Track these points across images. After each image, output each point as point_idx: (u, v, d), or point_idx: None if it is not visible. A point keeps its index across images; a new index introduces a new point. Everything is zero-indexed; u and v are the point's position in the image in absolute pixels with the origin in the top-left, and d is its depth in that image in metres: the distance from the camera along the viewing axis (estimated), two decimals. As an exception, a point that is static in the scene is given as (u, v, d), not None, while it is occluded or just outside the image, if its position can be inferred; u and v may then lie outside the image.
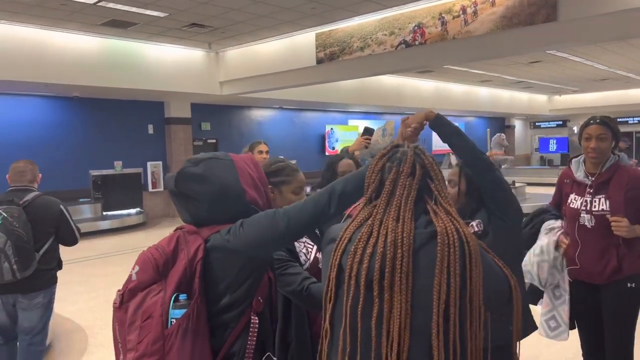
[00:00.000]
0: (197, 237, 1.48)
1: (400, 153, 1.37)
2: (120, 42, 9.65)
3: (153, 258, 1.44)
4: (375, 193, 1.36)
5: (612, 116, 11.00)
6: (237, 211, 1.52)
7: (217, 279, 1.47)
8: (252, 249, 1.47)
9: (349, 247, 1.30)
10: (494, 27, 7.15)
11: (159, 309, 1.38)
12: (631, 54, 12.06)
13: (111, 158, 11.62)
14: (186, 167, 1.54)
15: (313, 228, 1.67)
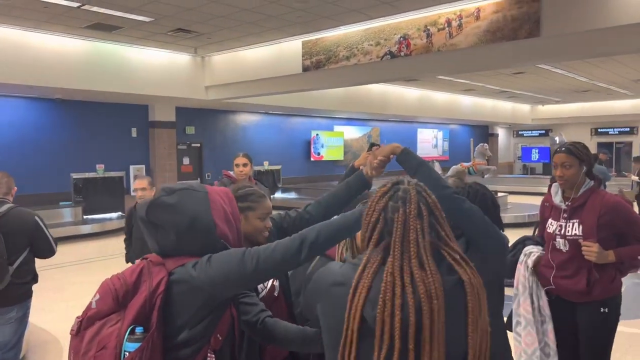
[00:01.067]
0: (162, 269, 1.45)
1: (402, 191, 1.32)
2: (105, 45, 9.56)
3: (114, 288, 1.41)
4: (379, 235, 1.31)
5: (592, 127, 11.19)
6: (206, 244, 1.49)
7: (176, 314, 1.43)
8: (216, 286, 1.43)
9: (371, 296, 1.23)
10: (478, 40, 7.24)
11: (113, 340, 1.36)
12: (612, 68, 12.29)
13: (93, 161, 11.48)
14: (160, 196, 1.51)
15: (280, 272, 1.64)
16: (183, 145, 13.20)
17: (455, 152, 22.09)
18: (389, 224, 1.29)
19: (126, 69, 9.89)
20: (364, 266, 1.28)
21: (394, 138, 19.11)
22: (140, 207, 1.53)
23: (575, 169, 2.61)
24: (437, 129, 21.67)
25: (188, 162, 13.41)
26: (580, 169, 2.61)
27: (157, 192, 1.55)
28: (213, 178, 13.73)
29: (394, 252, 1.26)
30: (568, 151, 2.63)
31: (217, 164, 13.90)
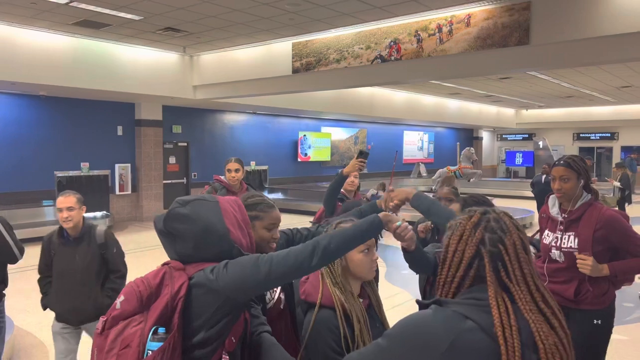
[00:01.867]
0: (182, 274, 1.54)
1: (494, 220, 1.23)
2: (92, 42, 9.42)
3: (138, 290, 1.49)
4: (476, 271, 1.20)
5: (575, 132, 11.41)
6: (222, 250, 1.59)
7: (194, 315, 1.51)
8: (232, 291, 1.51)
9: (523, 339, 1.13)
10: (468, 47, 7.30)
11: (137, 339, 1.43)
12: (595, 75, 12.51)
13: (78, 159, 11.32)
14: (174, 207, 1.61)
15: (292, 278, 1.67)
16: (169, 144, 13.08)
17: (441, 155, 22.28)
18: (495, 258, 1.18)
19: (113, 66, 9.76)
20: (498, 306, 1.14)
21: (381, 140, 19.22)
22: (157, 220, 1.63)
23: (573, 182, 2.64)
24: (423, 132, 21.82)
25: (174, 161, 13.29)
26: (578, 183, 2.65)
27: (171, 205, 1.64)
28: (199, 178, 13.65)
29: (519, 288, 1.16)
30: (567, 165, 2.66)
31: (204, 164, 13.82)
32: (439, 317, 1.16)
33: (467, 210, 1.28)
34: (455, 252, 1.23)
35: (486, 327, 1.12)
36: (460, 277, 1.21)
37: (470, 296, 1.19)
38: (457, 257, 1.22)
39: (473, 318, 1.13)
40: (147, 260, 8.48)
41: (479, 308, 1.15)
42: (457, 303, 1.18)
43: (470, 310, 1.15)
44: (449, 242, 1.26)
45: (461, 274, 1.21)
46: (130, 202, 12.29)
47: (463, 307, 1.16)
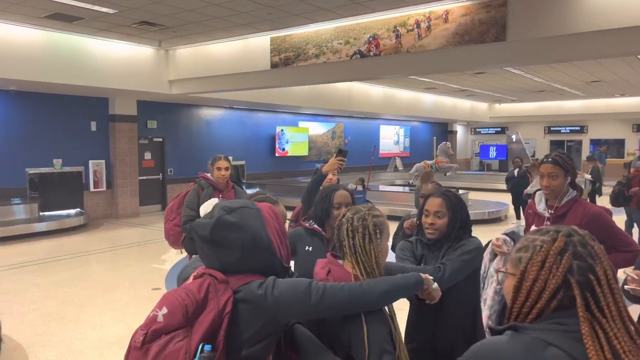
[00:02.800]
0: (227, 287, 1.49)
1: (581, 245, 1.09)
2: (64, 36, 9.17)
3: (184, 303, 1.42)
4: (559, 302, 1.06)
5: (546, 125, 11.62)
6: (266, 261, 1.55)
7: (239, 331, 1.47)
8: (280, 310, 1.48)
9: None
10: (446, 42, 7.37)
11: (182, 357, 1.38)
12: (567, 70, 12.79)
13: (50, 155, 11.04)
14: (222, 215, 1.54)
15: (340, 313, 1.61)
16: (145, 139, 12.86)
17: (416, 149, 22.50)
18: (584, 288, 1.04)
19: (86, 60, 9.53)
20: (593, 341, 1.00)
21: (358, 134, 19.29)
22: (201, 227, 1.55)
23: (561, 179, 2.68)
24: (399, 126, 21.99)
25: (150, 157, 13.08)
26: (565, 180, 2.69)
27: (216, 211, 1.56)
28: (176, 174, 13.47)
29: (614, 324, 1.02)
30: (555, 162, 2.69)
31: (180, 160, 13.64)
32: (516, 344, 1.03)
33: (545, 231, 1.13)
34: (536, 281, 1.08)
35: (577, 355, 0.98)
36: (539, 308, 1.07)
37: (553, 321, 1.05)
38: (539, 287, 1.07)
39: (558, 345, 1.00)
40: (123, 257, 8.40)
41: (566, 334, 1.02)
42: (537, 329, 1.04)
43: (554, 337, 1.01)
44: (526, 268, 1.10)
45: (542, 305, 1.07)
46: (105, 199, 12.06)
47: (545, 333, 1.03)
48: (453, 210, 2.31)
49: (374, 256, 1.70)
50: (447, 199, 2.33)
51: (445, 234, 2.30)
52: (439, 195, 2.35)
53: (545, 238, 1.11)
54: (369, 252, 1.70)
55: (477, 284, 2.36)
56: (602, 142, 22.31)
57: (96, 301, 5.91)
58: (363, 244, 1.71)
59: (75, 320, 5.29)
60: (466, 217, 2.35)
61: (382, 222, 1.77)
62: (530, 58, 7.47)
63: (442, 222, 2.30)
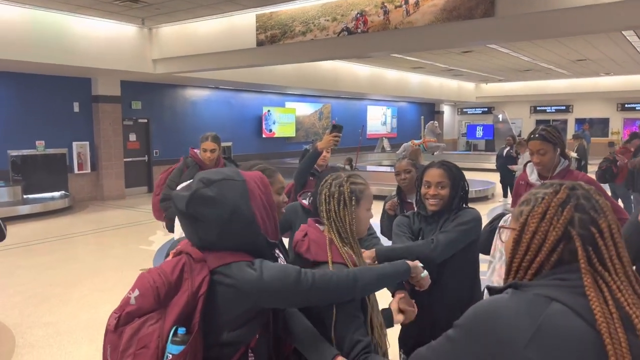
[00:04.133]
0: (203, 266, 1.40)
1: (584, 198, 1.05)
2: (44, 14, 8.91)
3: (155, 285, 1.36)
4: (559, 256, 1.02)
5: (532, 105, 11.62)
6: (247, 237, 1.46)
7: (217, 315, 1.40)
8: (264, 297, 1.41)
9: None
10: (434, 19, 7.30)
11: (155, 341, 1.32)
12: (554, 48, 12.80)
13: (32, 137, 10.81)
14: (199, 188, 1.43)
15: (328, 302, 1.56)
16: (129, 121, 12.66)
17: (404, 129, 22.50)
18: (586, 243, 1.01)
19: (67, 39, 9.28)
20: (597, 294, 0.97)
21: (345, 115, 19.20)
22: (178, 199, 1.44)
23: (551, 154, 2.68)
24: (386, 106, 21.93)
25: (135, 138, 12.90)
26: (555, 152, 2.69)
27: (194, 183, 1.46)
28: (162, 155, 13.31)
29: (618, 277, 0.99)
30: (542, 138, 2.68)
31: (166, 141, 13.47)
32: (518, 302, 0.99)
33: (550, 184, 1.09)
34: (536, 233, 1.04)
35: (581, 310, 0.95)
36: (540, 262, 1.03)
37: (555, 277, 1.01)
38: (539, 239, 1.04)
39: (561, 300, 0.96)
40: (109, 239, 8.31)
41: (569, 289, 0.98)
42: (539, 285, 1.00)
43: (557, 292, 0.98)
44: (526, 220, 1.07)
45: (542, 258, 1.03)
46: (89, 181, 11.89)
47: (548, 289, 0.99)
48: (454, 181, 2.24)
49: (348, 222, 1.67)
50: (448, 169, 2.26)
51: (446, 205, 2.25)
52: (439, 166, 2.28)
53: (547, 190, 1.07)
54: (343, 218, 1.67)
55: (476, 258, 2.34)
56: (586, 121, 22.49)
57: (83, 283, 5.84)
58: (338, 210, 1.68)
59: (62, 301, 5.23)
60: (465, 189, 2.30)
61: (362, 190, 1.73)
62: (519, 34, 7.44)
63: (444, 192, 2.23)
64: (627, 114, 22.36)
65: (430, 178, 2.25)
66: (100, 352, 1.43)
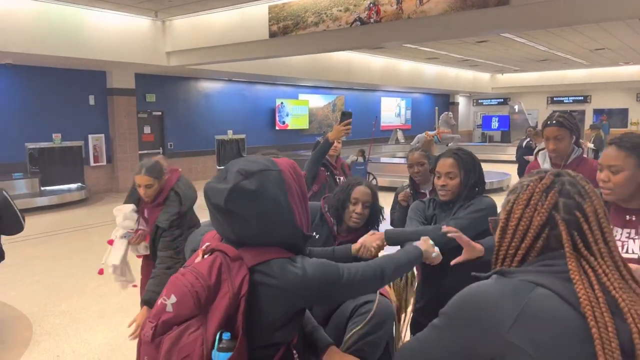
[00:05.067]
0: (242, 265, 1.31)
1: (570, 184, 1.04)
2: (58, 7, 8.99)
3: (194, 290, 1.26)
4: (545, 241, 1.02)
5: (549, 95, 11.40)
6: (287, 234, 1.38)
7: (261, 315, 1.32)
8: (310, 296, 1.36)
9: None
10: (448, 8, 7.20)
11: (198, 349, 1.24)
12: (571, 37, 12.56)
13: (49, 130, 10.97)
14: (239, 181, 1.32)
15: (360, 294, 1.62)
16: (144, 113, 12.77)
17: (418, 121, 22.33)
18: (570, 228, 1.00)
19: (81, 32, 9.37)
20: (582, 279, 0.95)
21: (359, 106, 19.12)
22: (213, 193, 1.35)
23: (567, 140, 2.63)
24: (400, 98, 21.78)
25: (149, 131, 13.01)
26: (571, 140, 2.64)
27: (231, 175, 1.35)
28: (176, 148, 13.41)
29: (604, 262, 0.97)
30: (559, 124, 2.63)
31: (180, 133, 13.56)
32: (502, 288, 0.98)
33: (535, 172, 1.09)
34: (521, 219, 1.04)
35: (566, 295, 0.93)
36: (525, 248, 1.03)
37: (541, 263, 1.00)
38: (524, 225, 1.03)
39: (546, 285, 0.95)
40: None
41: (555, 275, 0.97)
42: (525, 271, 1.00)
43: (543, 277, 0.97)
44: (512, 207, 1.07)
45: (527, 244, 1.03)
46: (105, 174, 12.03)
47: (533, 275, 0.98)
48: (465, 170, 2.22)
49: None
50: (459, 158, 2.23)
51: (458, 194, 2.23)
52: (449, 155, 2.25)
53: (532, 178, 1.08)
54: None
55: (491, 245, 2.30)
56: (605, 111, 22.08)
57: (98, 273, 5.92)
58: None
59: (77, 291, 5.31)
60: (480, 176, 2.26)
61: None
62: (534, 22, 7.30)
63: (454, 182, 2.22)
64: (647, 104, 21.93)
65: (440, 168, 2.25)
66: (115, 339, 1.40)
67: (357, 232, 2.27)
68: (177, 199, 3.02)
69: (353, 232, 2.30)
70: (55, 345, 4.04)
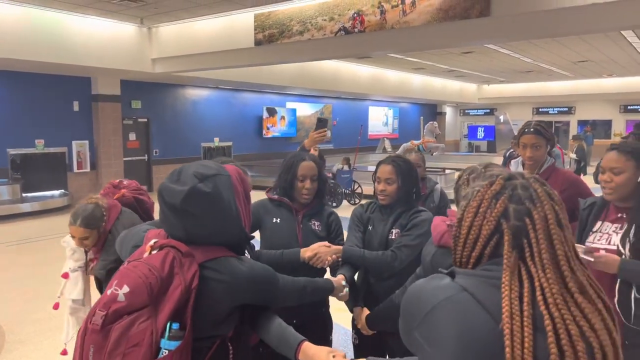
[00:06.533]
0: (193, 261, 1.39)
1: (522, 188, 0.99)
2: (43, 12, 8.95)
3: (148, 282, 1.32)
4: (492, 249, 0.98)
5: (534, 106, 11.55)
6: (234, 233, 1.49)
7: (207, 308, 1.40)
8: (254, 293, 1.49)
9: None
10: (430, 19, 7.29)
11: (148, 338, 1.28)
12: (554, 49, 12.76)
13: (32, 136, 10.86)
14: (195, 184, 1.40)
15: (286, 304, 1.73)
16: (129, 120, 12.70)
17: (405, 130, 22.47)
18: (519, 235, 0.95)
19: (66, 38, 9.32)
20: (511, 289, 0.91)
21: (347, 115, 19.21)
22: (169, 193, 1.41)
23: (543, 149, 2.67)
24: (387, 107, 21.91)
25: (134, 137, 12.94)
26: (546, 149, 2.68)
27: (187, 178, 1.42)
28: (161, 155, 13.36)
29: (544, 274, 0.92)
30: (537, 132, 2.66)
31: (166, 140, 13.51)
32: (433, 286, 0.99)
33: (488, 175, 1.10)
34: (470, 228, 1.01)
35: (488, 303, 0.91)
36: (475, 257, 1.00)
37: (482, 268, 0.98)
38: (473, 234, 1.00)
39: (471, 291, 0.94)
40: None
41: (487, 280, 0.95)
42: (464, 274, 0.99)
43: (473, 282, 0.95)
44: (462, 215, 1.04)
45: (477, 254, 1.00)
46: (89, 180, 11.92)
47: (466, 278, 0.97)
48: (403, 177, 2.32)
49: None
50: (397, 165, 2.34)
51: (396, 200, 2.34)
52: (389, 162, 2.36)
53: (483, 183, 1.04)
54: None
55: None
56: (589, 122, 22.38)
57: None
58: None
59: (54, 299, 5.21)
60: (416, 182, 2.38)
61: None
62: (515, 34, 7.42)
63: (392, 188, 2.32)
64: (630, 115, 22.24)
65: (380, 174, 2.35)
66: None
67: (311, 204, 2.41)
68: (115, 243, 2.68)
69: (307, 206, 2.40)
70: (26, 354, 3.99)
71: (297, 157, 2.44)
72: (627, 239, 2.00)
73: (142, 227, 1.70)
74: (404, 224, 2.30)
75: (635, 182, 2.03)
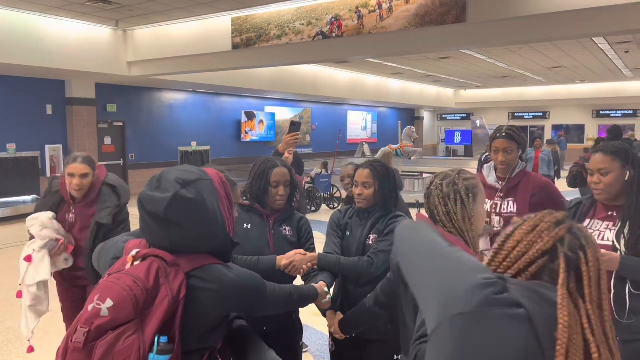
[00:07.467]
0: (178, 270, 1.32)
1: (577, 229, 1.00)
2: (13, 14, 8.75)
3: (133, 294, 1.24)
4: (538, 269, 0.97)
5: (510, 111, 11.76)
6: (219, 240, 1.41)
7: (195, 319, 1.34)
8: (243, 302, 1.46)
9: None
10: (407, 24, 7.35)
11: (135, 353, 1.21)
12: (529, 55, 13.00)
13: (3, 140, 10.59)
14: (178, 190, 1.33)
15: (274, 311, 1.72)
16: (104, 124, 12.50)
17: (384, 135, 22.60)
18: (571, 264, 0.94)
19: (38, 40, 9.13)
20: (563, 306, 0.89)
21: (326, 120, 19.24)
22: (149, 201, 1.34)
23: (515, 153, 2.70)
24: (366, 112, 22.02)
25: (110, 142, 12.73)
26: (518, 153, 2.72)
27: (169, 184, 1.35)
28: (137, 159, 13.16)
29: (591, 305, 0.92)
30: (509, 137, 2.69)
31: (142, 145, 13.32)
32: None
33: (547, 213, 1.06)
34: (519, 242, 0.99)
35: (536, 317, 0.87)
36: (512, 274, 0.98)
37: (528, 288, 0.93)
38: (521, 248, 0.98)
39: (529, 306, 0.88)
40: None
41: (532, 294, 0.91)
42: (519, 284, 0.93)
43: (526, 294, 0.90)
44: (512, 232, 1.02)
45: (525, 264, 0.97)
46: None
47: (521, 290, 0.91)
48: (380, 181, 2.34)
49: (468, 221, 1.56)
50: (375, 169, 2.36)
51: (373, 204, 2.36)
52: (367, 166, 2.38)
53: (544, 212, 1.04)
54: (462, 218, 1.56)
55: None
56: (563, 127, 22.86)
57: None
58: (455, 210, 1.56)
59: (25, 306, 5.09)
60: (393, 187, 2.40)
61: (475, 185, 1.61)
62: (490, 40, 7.53)
63: (369, 192, 2.34)
64: (602, 120, 22.79)
65: (358, 178, 2.37)
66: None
67: (282, 210, 2.40)
68: (113, 191, 2.83)
69: (278, 212, 2.39)
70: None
71: (269, 163, 2.40)
72: (621, 235, 2.10)
73: (121, 237, 1.61)
74: (382, 230, 2.31)
75: (623, 181, 2.13)
